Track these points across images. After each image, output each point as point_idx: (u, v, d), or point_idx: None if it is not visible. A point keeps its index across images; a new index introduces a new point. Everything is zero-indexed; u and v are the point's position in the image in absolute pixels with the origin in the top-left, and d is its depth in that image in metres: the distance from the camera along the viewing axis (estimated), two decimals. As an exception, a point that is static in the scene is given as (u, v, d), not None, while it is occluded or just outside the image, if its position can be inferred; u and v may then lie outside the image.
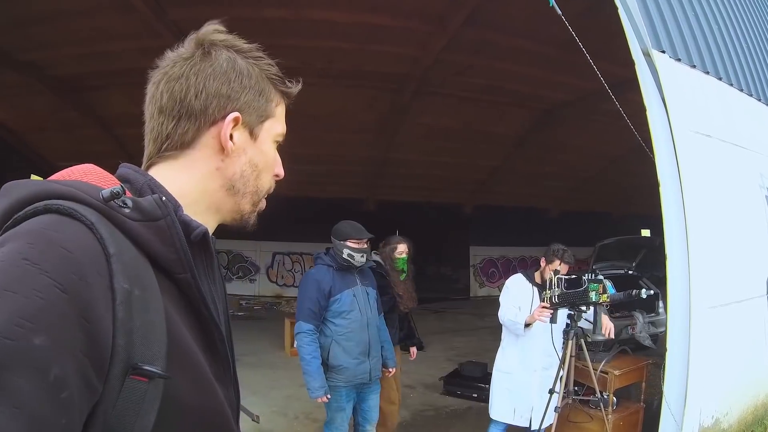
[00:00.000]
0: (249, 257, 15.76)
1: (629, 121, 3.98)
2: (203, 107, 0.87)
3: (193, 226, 0.81)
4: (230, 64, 0.90)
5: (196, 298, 0.78)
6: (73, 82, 9.85)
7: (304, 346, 3.61)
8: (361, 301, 3.81)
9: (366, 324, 3.79)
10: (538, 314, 3.85)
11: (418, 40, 8.47)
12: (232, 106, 0.89)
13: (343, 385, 3.77)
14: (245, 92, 0.91)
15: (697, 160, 3.83)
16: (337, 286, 3.74)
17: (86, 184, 0.73)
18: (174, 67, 0.89)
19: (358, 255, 3.80)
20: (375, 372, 3.88)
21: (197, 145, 0.89)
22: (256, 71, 0.93)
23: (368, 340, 3.80)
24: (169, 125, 0.88)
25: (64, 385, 0.57)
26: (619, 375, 4.50)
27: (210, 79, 0.88)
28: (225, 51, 0.91)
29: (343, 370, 3.72)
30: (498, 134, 12.47)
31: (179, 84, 0.87)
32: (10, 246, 0.62)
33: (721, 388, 3.96)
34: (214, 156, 0.90)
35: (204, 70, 0.88)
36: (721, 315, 3.87)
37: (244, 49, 0.93)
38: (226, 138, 0.89)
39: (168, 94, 0.88)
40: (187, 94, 0.87)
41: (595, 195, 16.45)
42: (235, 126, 0.90)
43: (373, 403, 4.05)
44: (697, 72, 4.24)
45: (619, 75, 4.45)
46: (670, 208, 3.67)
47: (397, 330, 4.67)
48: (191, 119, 0.88)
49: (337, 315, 3.71)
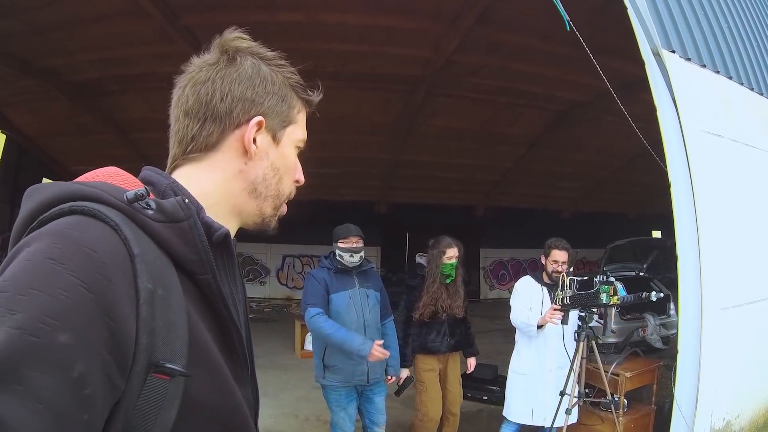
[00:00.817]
0: (259, 260, 15.80)
1: (633, 123, 3.97)
2: (228, 110, 0.90)
3: (215, 227, 0.83)
4: (255, 70, 0.93)
5: (216, 299, 0.80)
6: (89, 88, 9.98)
7: (321, 323, 3.64)
8: (358, 303, 3.85)
9: (363, 326, 3.81)
10: (550, 316, 3.89)
11: (430, 41, 8.47)
12: (257, 110, 0.92)
13: (340, 386, 3.81)
14: (269, 97, 0.94)
15: (709, 160, 3.80)
16: (334, 287, 3.81)
17: (110, 185, 0.75)
18: (200, 71, 0.92)
19: (347, 255, 3.84)
20: (373, 374, 3.88)
21: (221, 147, 0.92)
22: (280, 78, 0.96)
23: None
24: (195, 127, 0.90)
25: (87, 382, 0.59)
26: (630, 377, 4.48)
27: (236, 83, 0.91)
28: (250, 57, 0.94)
29: (338, 370, 3.76)
30: (512, 135, 12.42)
31: (205, 87, 0.90)
32: (35, 246, 0.63)
33: (732, 390, 3.92)
34: (237, 158, 0.92)
35: (230, 74, 0.91)
36: (733, 316, 3.84)
37: (268, 56, 0.96)
38: (249, 141, 0.91)
39: (194, 97, 0.90)
40: (213, 97, 0.90)
41: (610, 195, 16.33)
42: (259, 130, 0.93)
43: (380, 406, 4.04)
44: (708, 71, 4.20)
45: (634, 74, 4.43)
46: (681, 208, 3.65)
47: (445, 336, 4.47)
48: (216, 122, 0.90)
49: (334, 316, 3.75)
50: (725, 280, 3.78)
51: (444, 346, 4.47)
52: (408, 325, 4.44)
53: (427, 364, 4.49)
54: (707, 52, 4.27)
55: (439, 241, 4.47)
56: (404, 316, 4.46)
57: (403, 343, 4.35)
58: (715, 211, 3.76)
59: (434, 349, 4.46)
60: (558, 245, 4.19)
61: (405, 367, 4.29)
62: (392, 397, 4.37)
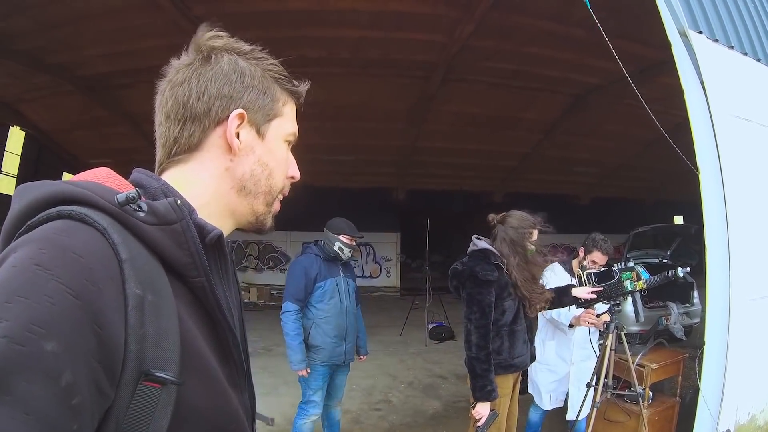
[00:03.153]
0: (279, 247, 15.98)
1: (648, 108, 3.83)
2: (206, 109, 0.88)
3: (208, 229, 0.81)
4: (231, 66, 0.91)
5: (210, 303, 0.78)
6: (102, 81, 10.09)
7: (289, 323, 3.97)
8: (342, 290, 4.15)
9: (345, 311, 4.13)
10: (584, 320, 3.81)
11: (445, 26, 8.39)
12: (236, 105, 0.90)
13: (320, 365, 4.07)
14: (248, 91, 0.91)
15: (738, 145, 3.67)
16: (322, 273, 4.08)
17: (101, 186, 0.73)
18: (178, 73, 0.90)
19: (347, 249, 4.12)
20: (349, 355, 4.21)
21: (205, 146, 0.90)
22: (259, 71, 0.94)
23: (345, 326, 4.13)
24: (176, 129, 0.89)
25: (76, 391, 0.57)
26: (655, 369, 4.38)
27: (211, 81, 0.89)
28: (226, 54, 0.92)
29: (320, 350, 4.04)
30: (528, 120, 12.33)
31: (182, 89, 0.89)
32: (22, 251, 0.62)
33: (759, 384, 3.81)
34: (222, 156, 0.91)
35: (205, 73, 0.89)
36: (762, 308, 3.72)
37: (245, 50, 0.94)
38: (231, 135, 0.89)
39: (172, 99, 0.89)
40: (190, 98, 0.88)
41: (628, 181, 16.21)
42: (241, 124, 0.90)
43: (341, 383, 4.35)
44: (736, 53, 4.04)
45: (651, 57, 4.31)
46: (710, 195, 3.53)
47: (526, 343, 3.35)
48: (196, 122, 0.89)
49: (320, 300, 4.06)
50: (754, 270, 3.66)
51: (529, 357, 3.39)
52: (487, 338, 3.09)
53: (506, 387, 3.27)
54: (734, 33, 4.11)
55: (512, 216, 3.36)
56: (485, 327, 3.09)
57: (487, 365, 3.05)
58: (745, 198, 3.63)
59: (521, 363, 3.32)
60: (603, 247, 4.02)
61: (488, 400, 3.04)
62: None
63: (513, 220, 3.32)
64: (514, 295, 3.23)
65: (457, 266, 3.27)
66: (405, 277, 16.87)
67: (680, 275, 3.54)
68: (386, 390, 6.60)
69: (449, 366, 7.50)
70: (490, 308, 3.10)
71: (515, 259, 3.22)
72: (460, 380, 6.94)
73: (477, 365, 3.04)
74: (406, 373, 7.42)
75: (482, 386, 3.02)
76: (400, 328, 10.25)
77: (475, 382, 3.05)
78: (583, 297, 3.48)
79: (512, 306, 3.22)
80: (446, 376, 7.18)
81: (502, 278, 3.17)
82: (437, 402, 6.17)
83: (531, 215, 3.37)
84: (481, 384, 3.02)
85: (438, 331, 9.64)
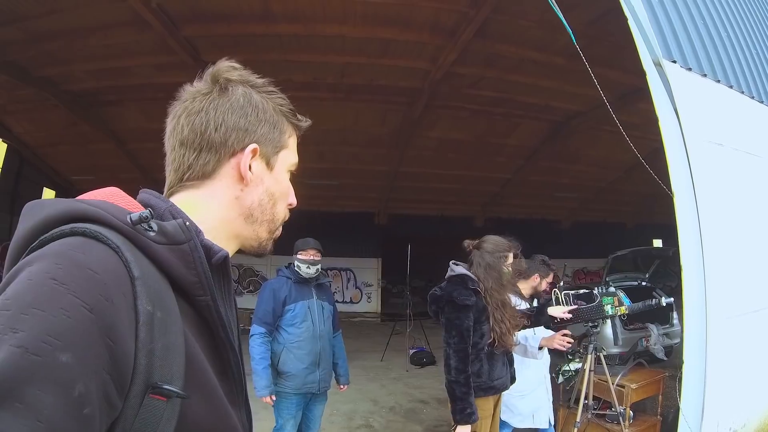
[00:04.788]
0: (260, 271, 15.78)
1: (626, 133, 3.95)
2: (223, 140, 0.92)
3: (215, 250, 0.84)
4: (246, 99, 0.95)
5: (213, 321, 0.80)
6: (88, 97, 10.03)
7: (255, 346, 3.83)
8: (315, 314, 3.99)
9: (318, 335, 3.96)
10: (558, 342, 3.70)
11: (429, 53, 8.53)
12: (250, 138, 0.94)
13: (292, 393, 3.91)
14: (261, 125, 0.96)
15: (711, 169, 3.79)
16: (292, 296, 3.95)
17: (113, 206, 0.75)
18: (194, 101, 0.94)
19: (304, 266, 3.99)
20: (324, 383, 4.02)
21: (217, 175, 0.94)
22: (271, 105, 0.99)
23: (319, 351, 3.96)
24: (191, 157, 0.92)
25: (87, 402, 0.59)
26: (635, 388, 4.43)
27: (228, 113, 0.93)
28: (241, 86, 0.96)
29: (292, 377, 3.88)
30: (510, 146, 12.49)
31: (199, 118, 0.92)
32: (38, 266, 0.63)
33: (738, 399, 3.88)
34: (233, 186, 0.94)
35: (222, 104, 0.93)
36: (739, 325, 3.80)
37: (258, 84, 0.99)
38: (245, 168, 0.93)
39: (189, 127, 0.92)
40: (208, 128, 0.92)
41: (608, 205, 16.40)
42: (254, 157, 0.95)
43: (318, 413, 4.18)
44: (709, 81, 4.20)
45: (630, 83, 4.44)
46: (684, 217, 3.62)
47: (506, 365, 3.43)
48: (212, 151, 0.92)
49: (290, 324, 3.91)
50: (730, 289, 3.75)
51: (509, 379, 3.46)
52: (466, 361, 3.11)
53: (486, 410, 3.31)
54: (708, 62, 4.27)
55: (486, 241, 3.42)
56: (464, 351, 3.12)
57: (466, 388, 3.07)
58: (719, 219, 3.73)
59: (501, 386, 3.38)
60: (541, 269, 4.16)
61: (468, 423, 3.05)
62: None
63: (488, 245, 3.38)
64: (489, 326, 3.26)
65: (436, 291, 3.32)
66: (386, 303, 16.76)
67: (663, 304, 3.63)
68: (367, 415, 6.53)
69: (430, 391, 7.47)
70: (468, 332, 3.14)
71: (490, 283, 3.26)
72: (442, 405, 6.89)
73: (457, 388, 3.07)
74: (388, 398, 7.35)
75: (462, 409, 3.04)
76: (381, 353, 10.17)
77: (455, 405, 3.07)
78: (559, 316, 3.52)
79: (490, 329, 3.25)
80: (427, 401, 7.13)
81: (480, 302, 3.21)
82: (419, 427, 6.13)
83: (506, 239, 3.43)
84: (461, 407, 3.05)
85: (419, 356, 9.62)
